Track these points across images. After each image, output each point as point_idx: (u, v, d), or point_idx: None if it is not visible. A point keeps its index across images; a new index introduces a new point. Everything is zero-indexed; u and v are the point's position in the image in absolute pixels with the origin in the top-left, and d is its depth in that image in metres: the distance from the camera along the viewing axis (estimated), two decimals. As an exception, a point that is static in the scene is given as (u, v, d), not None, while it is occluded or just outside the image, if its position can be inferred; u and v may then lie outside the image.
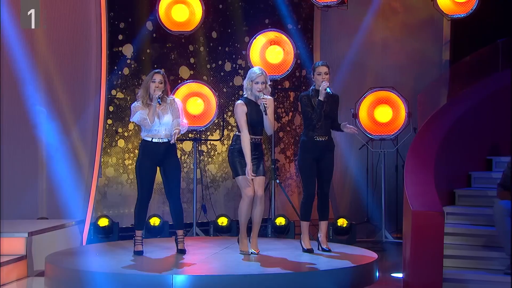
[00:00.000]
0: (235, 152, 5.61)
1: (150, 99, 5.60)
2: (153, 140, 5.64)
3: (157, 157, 5.65)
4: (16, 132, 7.23)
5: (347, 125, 5.82)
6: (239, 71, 8.82)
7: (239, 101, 5.62)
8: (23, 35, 7.10)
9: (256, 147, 5.63)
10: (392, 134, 8.00)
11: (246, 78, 5.65)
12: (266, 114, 5.54)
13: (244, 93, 5.69)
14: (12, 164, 7.17)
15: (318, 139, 5.74)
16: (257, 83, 5.58)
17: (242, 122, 5.56)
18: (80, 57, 7.67)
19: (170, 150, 5.70)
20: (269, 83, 5.67)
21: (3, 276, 5.52)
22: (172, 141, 5.60)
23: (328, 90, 5.64)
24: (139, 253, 5.70)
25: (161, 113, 5.63)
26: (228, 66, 8.79)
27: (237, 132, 5.68)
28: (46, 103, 7.34)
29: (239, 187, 5.71)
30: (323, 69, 5.75)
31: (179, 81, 8.18)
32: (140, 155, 5.69)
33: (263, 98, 5.55)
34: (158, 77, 5.61)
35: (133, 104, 5.69)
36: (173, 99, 5.75)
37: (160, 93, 5.55)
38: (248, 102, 5.62)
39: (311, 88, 5.84)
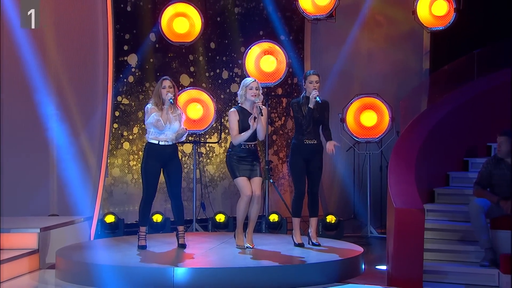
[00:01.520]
0: (232, 157, 5.63)
1: (163, 104, 5.64)
2: (160, 143, 5.65)
3: (162, 159, 5.66)
4: (30, 135, 7.23)
5: (331, 143, 5.74)
6: (236, 79, 8.82)
7: (232, 109, 5.65)
8: (36, 44, 7.10)
9: (251, 152, 5.65)
10: (376, 137, 8.02)
11: (240, 87, 5.67)
12: (262, 115, 5.54)
13: (238, 101, 5.70)
14: (26, 164, 7.16)
15: (307, 142, 5.75)
16: (251, 88, 5.60)
17: (234, 126, 5.57)
18: (88, 66, 7.67)
19: (174, 153, 5.72)
20: (261, 91, 5.69)
21: (17, 269, 5.51)
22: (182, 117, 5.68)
23: (318, 99, 5.65)
24: (143, 247, 5.70)
25: (173, 119, 5.66)
26: (225, 74, 8.80)
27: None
28: (57, 108, 7.35)
29: (236, 187, 5.72)
30: (314, 78, 5.75)
31: (180, 88, 8.17)
32: (145, 157, 5.69)
33: (258, 102, 5.57)
34: (167, 83, 5.66)
35: (147, 106, 5.69)
36: (181, 113, 5.79)
37: (172, 95, 5.61)
38: (241, 110, 5.63)
39: (302, 95, 5.84)
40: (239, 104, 5.68)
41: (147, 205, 5.73)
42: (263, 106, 5.62)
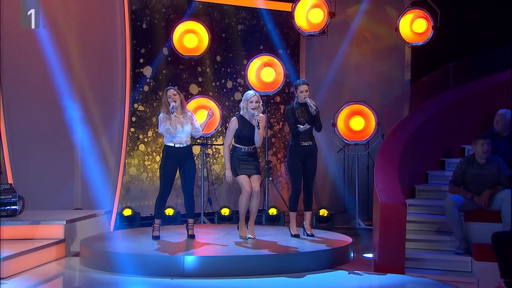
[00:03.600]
0: (233, 158, 5.64)
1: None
2: (176, 146, 5.66)
3: (178, 160, 5.65)
4: (57, 138, 7.26)
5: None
6: (239, 88, 8.84)
7: (234, 118, 5.67)
8: (62, 58, 7.15)
9: (251, 154, 5.65)
10: (364, 140, 8.02)
11: (242, 100, 5.68)
12: (259, 128, 5.57)
13: (240, 111, 5.72)
14: (53, 164, 7.19)
15: (303, 144, 5.72)
16: (251, 102, 5.60)
17: (228, 138, 5.62)
18: (108, 77, 7.70)
19: (189, 153, 5.73)
20: (261, 103, 5.68)
21: (46, 256, 5.54)
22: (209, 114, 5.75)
23: (314, 107, 5.62)
24: (156, 237, 5.72)
25: (184, 123, 5.67)
26: (229, 84, 8.82)
27: (233, 143, 5.70)
28: (80, 114, 7.38)
29: (239, 184, 5.73)
30: (304, 87, 5.67)
31: (189, 96, 8.20)
32: (164, 158, 5.68)
33: (257, 115, 5.58)
34: (171, 92, 5.67)
35: (159, 116, 5.71)
36: (191, 114, 5.80)
37: (174, 103, 5.60)
38: (241, 118, 5.64)
39: (295, 101, 5.78)
40: (241, 113, 5.69)
41: (162, 200, 5.74)
42: (262, 115, 5.62)
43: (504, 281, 4.90)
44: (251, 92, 5.73)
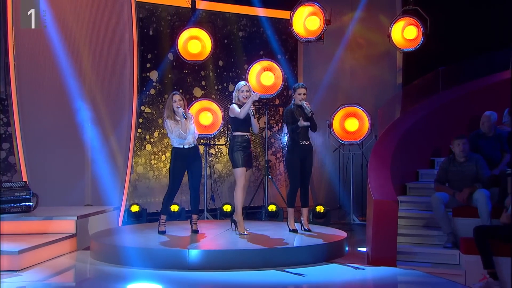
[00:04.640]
0: (233, 148, 5.55)
1: (175, 114, 5.63)
2: (185, 147, 5.65)
3: (187, 160, 5.64)
4: (68, 138, 7.28)
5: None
6: (240, 91, 8.85)
7: (233, 104, 5.59)
8: (74, 63, 7.17)
9: (248, 141, 5.60)
10: (358, 140, 8.04)
11: (235, 90, 5.63)
12: (254, 117, 5.57)
13: (233, 100, 5.66)
14: (65, 162, 7.21)
15: (301, 143, 5.71)
16: (242, 91, 5.56)
17: (238, 109, 5.50)
18: (117, 81, 7.72)
19: (197, 153, 5.73)
20: (252, 93, 5.56)
21: (58, 250, 5.55)
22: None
23: (308, 109, 5.64)
24: (162, 232, 5.72)
25: (189, 125, 5.67)
26: (231, 87, 8.83)
27: (232, 133, 5.63)
28: (91, 115, 7.41)
29: (236, 175, 5.58)
30: (302, 90, 5.66)
31: (193, 99, 8.23)
32: (173, 159, 5.64)
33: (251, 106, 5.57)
34: (177, 97, 5.64)
35: (165, 122, 5.64)
36: (190, 114, 5.80)
37: (181, 109, 5.59)
38: (238, 106, 5.61)
39: (292, 102, 5.76)
40: (233, 103, 5.63)
41: (170, 197, 5.73)
42: (256, 94, 5.49)
43: (488, 272, 4.94)
44: (242, 82, 5.66)
